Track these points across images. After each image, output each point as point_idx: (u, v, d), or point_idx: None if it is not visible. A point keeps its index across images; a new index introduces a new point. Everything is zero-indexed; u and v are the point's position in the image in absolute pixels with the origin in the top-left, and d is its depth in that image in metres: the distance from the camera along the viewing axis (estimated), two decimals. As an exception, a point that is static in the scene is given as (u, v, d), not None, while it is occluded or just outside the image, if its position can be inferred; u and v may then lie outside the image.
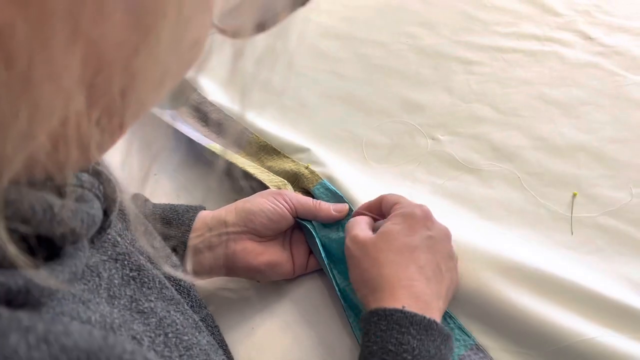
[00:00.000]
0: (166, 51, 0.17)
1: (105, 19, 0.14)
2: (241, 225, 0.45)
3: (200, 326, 0.31)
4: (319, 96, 0.67)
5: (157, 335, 0.25)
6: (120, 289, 0.26)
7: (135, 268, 0.28)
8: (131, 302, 0.26)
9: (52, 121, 0.15)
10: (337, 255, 0.47)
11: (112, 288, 0.25)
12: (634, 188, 0.48)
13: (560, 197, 0.49)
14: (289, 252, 0.47)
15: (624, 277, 0.42)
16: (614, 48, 0.62)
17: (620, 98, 0.57)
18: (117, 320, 0.23)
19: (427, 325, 0.35)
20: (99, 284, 0.25)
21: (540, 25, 0.68)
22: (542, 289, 0.41)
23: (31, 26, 0.13)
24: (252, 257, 0.44)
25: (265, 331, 0.45)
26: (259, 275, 0.46)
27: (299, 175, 0.53)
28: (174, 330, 0.27)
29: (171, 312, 0.28)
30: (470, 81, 0.63)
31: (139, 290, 0.27)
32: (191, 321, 0.30)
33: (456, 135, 0.57)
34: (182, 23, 0.17)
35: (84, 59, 0.15)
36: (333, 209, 0.48)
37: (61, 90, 0.14)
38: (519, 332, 0.40)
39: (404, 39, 0.72)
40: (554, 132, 0.55)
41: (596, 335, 0.37)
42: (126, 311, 0.25)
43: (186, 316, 0.30)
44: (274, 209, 0.45)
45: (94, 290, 0.24)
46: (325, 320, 0.45)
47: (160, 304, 0.28)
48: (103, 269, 0.26)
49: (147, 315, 0.26)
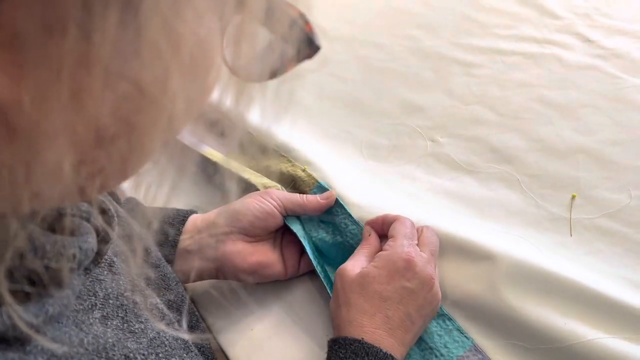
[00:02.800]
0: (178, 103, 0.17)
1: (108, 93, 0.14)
2: (230, 225, 0.45)
3: (189, 346, 0.31)
4: (319, 98, 0.67)
5: (149, 353, 0.26)
6: (114, 310, 0.26)
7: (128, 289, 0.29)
8: (123, 323, 0.26)
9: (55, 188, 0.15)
10: (334, 258, 0.47)
11: (106, 308, 0.26)
12: (632, 190, 0.48)
13: (559, 199, 0.49)
14: (280, 253, 0.47)
15: (622, 278, 0.42)
16: (613, 51, 0.62)
17: (619, 100, 0.57)
18: (110, 339, 0.23)
19: (383, 358, 0.36)
20: (95, 303, 0.25)
21: (540, 28, 0.68)
22: (542, 290, 0.41)
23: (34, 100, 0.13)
24: (242, 257, 0.44)
25: (264, 332, 0.46)
26: (250, 276, 0.46)
27: (296, 178, 0.53)
28: (163, 352, 0.27)
29: (161, 333, 0.29)
30: (469, 83, 0.63)
31: (130, 312, 0.28)
32: (180, 342, 0.30)
33: (455, 137, 0.57)
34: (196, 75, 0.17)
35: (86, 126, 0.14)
36: (320, 197, 0.48)
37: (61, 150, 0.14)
38: (518, 334, 0.40)
39: (404, 41, 0.72)
40: (553, 134, 0.55)
41: (595, 336, 0.37)
42: (119, 331, 0.25)
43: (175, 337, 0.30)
44: (260, 207, 0.45)
45: (88, 310, 0.24)
46: (323, 321, 0.45)
47: (151, 325, 0.28)
48: (100, 289, 0.26)
49: (138, 335, 0.26)
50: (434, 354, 0.41)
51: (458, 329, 0.42)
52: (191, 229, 0.46)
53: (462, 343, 0.41)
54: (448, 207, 0.51)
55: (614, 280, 0.42)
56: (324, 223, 0.49)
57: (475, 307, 0.42)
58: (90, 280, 0.26)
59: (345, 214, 0.48)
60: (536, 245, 0.46)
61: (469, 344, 0.41)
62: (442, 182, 0.53)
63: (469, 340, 0.41)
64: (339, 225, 0.47)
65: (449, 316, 0.42)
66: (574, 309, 0.40)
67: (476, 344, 0.41)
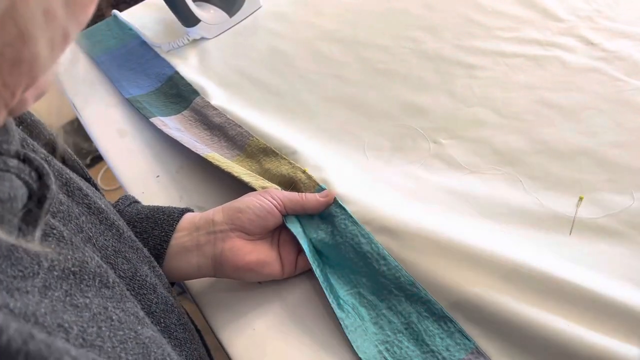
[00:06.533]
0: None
1: None
2: (229, 223, 0.45)
3: (144, 321, 0.31)
4: (321, 99, 0.67)
5: (89, 326, 0.26)
6: (57, 281, 0.26)
7: (77, 264, 0.29)
8: (65, 296, 0.26)
9: None
10: (334, 259, 0.47)
11: (49, 279, 0.26)
12: (635, 192, 0.48)
13: (562, 200, 0.49)
14: (277, 252, 0.48)
15: (625, 279, 0.42)
16: (615, 53, 0.62)
17: (622, 103, 0.57)
18: (43, 309, 0.24)
19: None
20: (37, 272, 0.25)
21: (542, 31, 0.68)
22: (543, 292, 0.41)
23: None
24: (240, 255, 0.45)
25: (266, 332, 0.46)
26: (248, 274, 0.46)
27: (296, 181, 0.53)
28: (107, 325, 0.28)
29: (109, 308, 0.29)
30: (472, 85, 0.63)
31: (76, 286, 0.28)
32: (132, 318, 0.30)
33: (458, 139, 0.57)
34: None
35: None
36: (319, 196, 0.49)
37: None
38: (520, 336, 0.40)
39: (406, 43, 0.72)
40: (556, 136, 0.55)
41: (597, 338, 0.37)
42: (59, 302, 0.26)
43: (127, 313, 0.30)
44: (260, 205, 0.46)
45: (28, 277, 0.24)
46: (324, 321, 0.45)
47: (97, 301, 0.28)
48: (45, 259, 0.27)
49: (80, 309, 0.27)
50: (435, 357, 0.41)
51: (460, 331, 0.41)
52: (189, 226, 0.46)
53: (463, 345, 0.41)
54: (450, 208, 0.51)
55: (617, 281, 0.42)
56: (323, 224, 0.49)
57: (477, 309, 0.41)
58: (36, 250, 0.26)
59: (345, 215, 0.48)
60: (538, 246, 0.46)
61: (470, 346, 0.41)
62: (445, 183, 0.53)
63: (470, 342, 0.41)
64: (339, 226, 0.47)
65: (450, 318, 0.42)
66: (576, 310, 0.40)
67: (478, 346, 0.41)
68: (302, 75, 0.71)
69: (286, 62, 0.74)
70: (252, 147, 0.59)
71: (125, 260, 0.36)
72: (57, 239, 0.29)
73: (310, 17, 0.82)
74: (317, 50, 0.75)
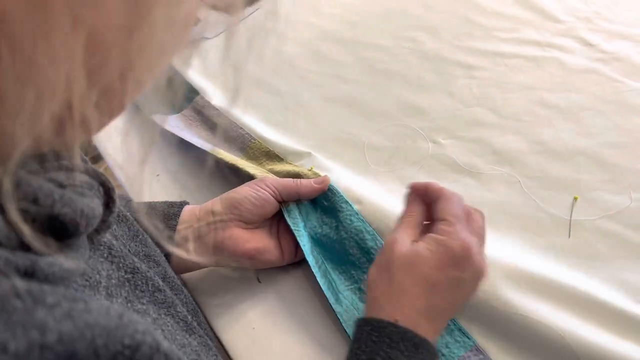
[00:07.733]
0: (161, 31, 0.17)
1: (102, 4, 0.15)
2: (228, 213, 0.46)
3: (192, 327, 0.32)
4: (321, 99, 0.67)
5: (154, 329, 0.26)
6: (116, 289, 0.27)
7: (129, 270, 0.29)
8: (126, 303, 0.27)
9: (55, 103, 0.15)
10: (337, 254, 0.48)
11: (110, 287, 0.26)
12: (633, 193, 0.48)
13: (560, 200, 0.49)
14: (277, 240, 0.48)
15: (623, 280, 0.42)
16: (613, 54, 0.63)
17: (620, 104, 0.57)
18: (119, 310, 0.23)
19: (418, 344, 0.34)
20: (99, 281, 0.25)
21: (541, 31, 0.69)
22: (542, 292, 0.41)
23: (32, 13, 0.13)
24: (240, 243, 0.45)
25: (266, 332, 0.46)
26: (248, 262, 0.47)
27: (302, 176, 0.53)
28: (167, 330, 0.28)
29: (162, 315, 0.29)
30: (471, 85, 0.64)
31: (132, 293, 0.28)
32: (182, 324, 0.31)
33: (457, 139, 0.58)
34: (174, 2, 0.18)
35: (84, 44, 0.15)
36: (314, 182, 0.49)
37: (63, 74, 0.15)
38: (519, 335, 0.40)
39: (405, 43, 0.72)
40: (554, 136, 0.55)
41: (597, 338, 0.38)
42: (124, 308, 0.25)
43: (177, 319, 0.30)
44: (256, 194, 0.47)
45: (94, 286, 0.24)
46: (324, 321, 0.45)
47: (152, 307, 0.29)
48: (102, 269, 0.26)
49: (142, 315, 0.27)
50: (435, 354, 0.41)
51: (460, 329, 0.42)
52: (189, 218, 0.47)
53: (463, 343, 0.41)
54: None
55: (614, 282, 0.42)
56: (328, 219, 0.49)
57: (477, 308, 0.42)
58: (92, 261, 0.26)
59: (351, 211, 0.48)
60: (536, 247, 0.46)
61: (470, 344, 0.41)
62: (444, 183, 0.53)
63: (470, 340, 0.41)
64: (344, 221, 0.48)
65: (450, 316, 0.42)
66: (575, 310, 0.40)
67: (478, 344, 0.41)
68: (302, 75, 0.71)
69: (286, 62, 0.74)
70: (254, 149, 0.59)
71: (155, 263, 0.36)
72: (107, 247, 0.29)
73: (310, 17, 0.82)
74: (317, 50, 0.75)
